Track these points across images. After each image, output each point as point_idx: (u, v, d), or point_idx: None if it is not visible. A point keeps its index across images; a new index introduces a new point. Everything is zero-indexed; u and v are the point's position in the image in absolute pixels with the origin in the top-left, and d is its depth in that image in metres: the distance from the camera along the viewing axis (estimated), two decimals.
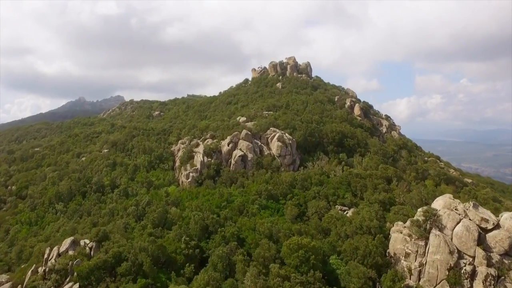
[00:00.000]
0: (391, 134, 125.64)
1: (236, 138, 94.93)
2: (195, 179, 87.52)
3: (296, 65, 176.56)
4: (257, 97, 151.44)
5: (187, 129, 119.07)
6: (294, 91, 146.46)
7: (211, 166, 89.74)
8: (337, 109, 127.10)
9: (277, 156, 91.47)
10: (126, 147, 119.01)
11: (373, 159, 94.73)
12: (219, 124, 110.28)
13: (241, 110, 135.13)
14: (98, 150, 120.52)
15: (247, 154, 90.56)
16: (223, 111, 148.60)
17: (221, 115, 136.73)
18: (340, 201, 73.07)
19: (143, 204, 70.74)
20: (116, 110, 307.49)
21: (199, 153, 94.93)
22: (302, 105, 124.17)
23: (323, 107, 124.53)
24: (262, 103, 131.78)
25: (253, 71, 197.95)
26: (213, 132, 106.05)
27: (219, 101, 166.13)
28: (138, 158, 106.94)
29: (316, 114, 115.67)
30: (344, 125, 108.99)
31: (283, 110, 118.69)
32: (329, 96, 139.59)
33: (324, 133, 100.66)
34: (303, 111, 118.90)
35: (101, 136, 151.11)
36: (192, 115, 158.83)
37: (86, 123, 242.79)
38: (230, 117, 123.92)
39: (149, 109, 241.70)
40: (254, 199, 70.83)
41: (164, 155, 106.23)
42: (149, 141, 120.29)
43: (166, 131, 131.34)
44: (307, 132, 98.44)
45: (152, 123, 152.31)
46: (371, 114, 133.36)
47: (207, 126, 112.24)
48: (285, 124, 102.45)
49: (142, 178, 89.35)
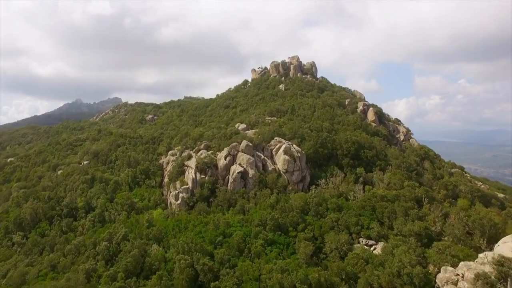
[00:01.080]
0: (410, 142, 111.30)
1: (235, 150, 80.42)
2: (185, 201, 72.92)
3: (300, 65, 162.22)
4: (258, 100, 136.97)
5: (178, 137, 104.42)
6: (299, 94, 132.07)
7: (204, 184, 75.16)
8: (348, 114, 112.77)
9: (283, 172, 76.98)
10: (109, 158, 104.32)
11: (396, 175, 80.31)
12: (215, 132, 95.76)
13: (240, 115, 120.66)
14: (78, 161, 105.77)
15: (247, 170, 76.02)
16: (220, 115, 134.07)
17: (218, 120, 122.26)
18: (365, 233, 58.51)
19: (118, 237, 56.06)
20: (110, 113, 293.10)
21: (190, 168, 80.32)
22: (309, 109, 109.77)
23: (333, 112, 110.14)
24: (263, 107, 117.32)
25: (253, 72, 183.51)
26: (208, 142, 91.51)
27: (216, 105, 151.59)
28: (121, 172, 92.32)
29: (326, 120, 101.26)
30: (359, 133, 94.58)
31: (288, 116, 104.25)
32: (338, 99, 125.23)
33: (337, 143, 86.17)
34: (311, 117, 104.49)
35: (85, 144, 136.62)
36: (186, 120, 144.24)
37: (75, 128, 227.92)
38: (228, 123, 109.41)
39: (142, 112, 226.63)
40: (258, 232, 56.28)
41: (151, 169, 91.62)
42: (135, 152, 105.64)
43: (155, 139, 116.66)
44: (318, 142, 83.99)
45: (141, 130, 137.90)
46: (385, 120, 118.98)
47: (201, 135, 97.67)
48: (291, 133, 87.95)
49: (123, 199, 74.64)
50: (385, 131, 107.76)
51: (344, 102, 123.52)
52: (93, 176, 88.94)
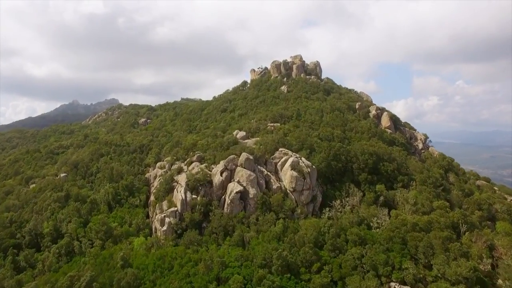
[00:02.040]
0: (429, 151, 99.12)
1: (233, 164, 68.01)
2: (172, 227, 60.46)
3: (303, 64, 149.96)
4: (258, 103, 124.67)
5: (169, 146, 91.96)
6: (303, 96, 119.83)
7: (196, 206, 62.68)
8: (360, 119, 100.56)
9: (290, 190, 64.62)
10: (89, 170, 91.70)
11: (423, 193, 68.22)
12: (210, 141, 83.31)
13: (239, 120, 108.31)
14: (55, 173, 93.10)
15: (247, 189, 63.61)
16: (217, 120, 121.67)
17: (214, 126, 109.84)
18: (397, 276, 46.22)
19: (81, 284, 43.53)
20: (103, 115, 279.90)
21: (180, 185, 67.84)
22: (316, 114, 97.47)
23: (344, 117, 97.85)
24: (265, 112, 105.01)
25: (252, 72, 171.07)
26: (201, 153, 79.10)
27: (212, 108, 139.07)
28: (101, 188, 79.80)
29: (337, 127, 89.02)
30: (375, 143, 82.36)
31: (293, 122, 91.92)
32: (347, 102, 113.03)
33: (352, 155, 73.89)
34: (320, 123, 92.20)
35: (67, 152, 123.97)
36: (179, 125, 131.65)
37: (64, 132, 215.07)
38: (225, 130, 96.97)
39: (135, 115, 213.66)
40: (262, 277, 43.94)
41: (136, 184, 79.08)
42: (120, 162, 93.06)
43: (144, 147, 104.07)
44: (330, 154, 71.63)
45: (130, 136, 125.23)
46: (401, 126, 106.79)
47: (194, 144, 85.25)
48: (298, 143, 75.66)
49: (98, 225, 62.00)
50: (403, 138, 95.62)
51: (354, 106, 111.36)
52: (67, 193, 76.33)
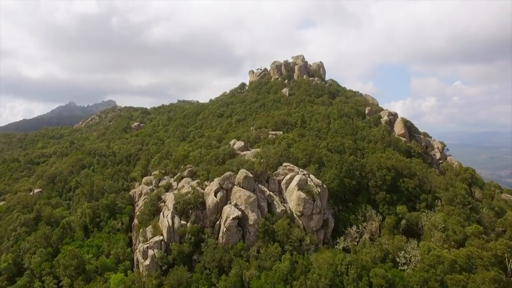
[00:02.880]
0: (448, 162, 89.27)
1: (229, 183, 57.80)
2: (156, 262, 50.21)
3: (305, 65, 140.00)
4: (258, 107, 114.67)
5: (158, 157, 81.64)
6: (307, 100, 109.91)
7: (186, 235, 52.48)
8: (371, 126, 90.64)
9: (297, 214, 54.51)
10: (68, 184, 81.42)
11: (452, 215, 58.29)
12: (203, 153, 73.10)
13: (237, 127, 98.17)
14: (29, 188, 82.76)
15: (246, 214, 53.47)
16: (213, 126, 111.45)
17: (209, 134, 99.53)
18: None
19: None
20: (96, 118, 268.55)
21: (167, 208, 57.61)
22: (323, 121, 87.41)
23: (353, 124, 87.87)
24: (265, 118, 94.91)
25: (250, 74, 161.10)
26: (193, 167, 68.96)
27: (208, 112, 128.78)
28: (78, 207, 69.51)
29: (346, 136, 79.02)
30: (392, 155, 72.40)
31: (298, 130, 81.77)
32: (356, 106, 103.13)
33: (367, 170, 63.86)
34: (327, 131, 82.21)
35: (49, 161, 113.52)
36: (172, 131, 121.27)
37: (53, 136, 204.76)
38: (221, 139, 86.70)
39: (128, 119, 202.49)
40: None
41: (118, 203, 68.80)
42: (102, 175, 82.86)
43: (131, 157, 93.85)
44: (342, 170, 61.56)
45: (117, 144, 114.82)
46: (416, 133, 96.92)
47: (185, 156, 75.04)
48: (305, 156, 65.56)
49: (67, 259, 51.66)
50: (419, 148, 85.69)
51: (362, 111, 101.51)
52: (38, 214, 66.01)
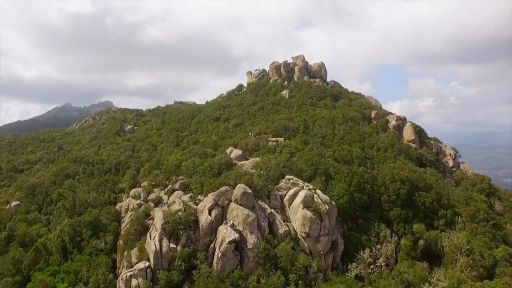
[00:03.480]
0: (462, 170, 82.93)
1: (225, 199, 51.11)
2: None
3: (306, 66, 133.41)
4: (256, 110, 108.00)
5: (148, 166, 74.82)
6: (308, 103, 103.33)
7: (175, 261, 45.70)
8: (378, 132, 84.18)
9: (302, 236, 47.90)
10: (49, 196, 74.40)
11: (476, 235, 51.91)
12: (197, 162, 66.36)
13: (234, 132, 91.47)
14: (6, 200, 75.65)
15: (245, 236, 46.80)
16: (209, 131, 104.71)
17: (204, 140, 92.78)
18: None
19: None
20: (90, 120, 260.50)
21: (155, 228, 50.81)
22: (327, 126, 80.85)
23: (360, 129, 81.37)
24: (265, 122, 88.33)
25: (248, 75, 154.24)
26: (186, 179, 62.22)
27: (203, 115, 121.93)
28: (59, 223, 62.58)
29: (354, 143, 72.50)
30: (404, 164, 65.93)
31: (300, 136, 75.14)
32: (361, 110, 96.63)
33: (379, 183, 57.32)
34: (332, 137, 75.66)
35: (34, 168, 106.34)
36: (166, 136, 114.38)
37: (44, 139, 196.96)
38: (217, 146, 79.89)
39: (122, 121, 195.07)
40: None
41: (103, 219, 61.86)
42: (88, 186, 75.90)
43: (120, 165, 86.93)
44: (352, 183, 54.98)
45: (106, 150, 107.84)
46: (426, 138, 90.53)
47: (178, 166, 68.27)
48: (310, 167, 58.90)
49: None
50: (431, 155, 79.27)
51: (368, 114, 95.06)
52: (10, 233, 59.00)
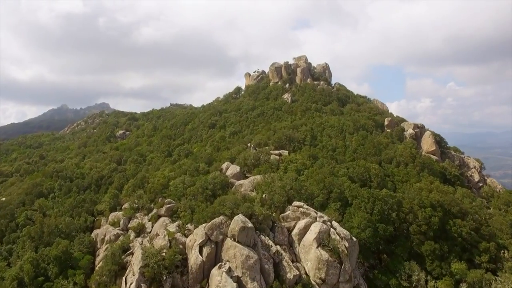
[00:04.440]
0: (489, 184, 73.28)
1: (219, 233, 41.06)
2: None
3: (309, 67, 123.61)
4: (256, 116, 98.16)
5: (132, 184, 64.70)
6: (313, 108, 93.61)
7: None
8: (394, 142, 74.43)
9: (317, 281, 37.94)
10: (15, 220, 64.02)
11: None
12: (187, 181, 56.23)
13: (231, 142, 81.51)
14: None
15: (245, 284, 36.79)
16: (203, 140, 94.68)
17: (197, 152, 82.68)
18: None
19: None
20: (82, 124, 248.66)
21: (132, 271, 40.71)
22: (337, 137, 70.98)
23: (374, 139, 71.57)
24: (266, 131, 78.44)
25: (246, 77, 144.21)
26: (173, 202, 52.17)
27: (198, 122, 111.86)
28: (19, 257, 52.32)
29: (369, 156, 62.67)
30: (431, 183, 56.14)
31: (307, 149, 65.09)
32: (372, 116, 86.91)
33: (406, 210, 47.42)
34: (344, 150, 65.77)
35: (7, 183, 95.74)
36: (156, 144, 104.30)
37: (31, 145, 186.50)
38: (211, 160, 69.71)
39: (114, 126, 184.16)
40: None
41: (75, 252, 51.61)
42: (62, 207, 65.72)
43: (103, 180, 76.71)
44: (374, 211, 45.07)
45: (89, 161, 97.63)
46: (446, 148, 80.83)
47: (165, 185, 58.16)
48: (322, 190, 48.88)
49: None
50: (455, 169, 69.51)
51: (380, 121, 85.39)
52: None
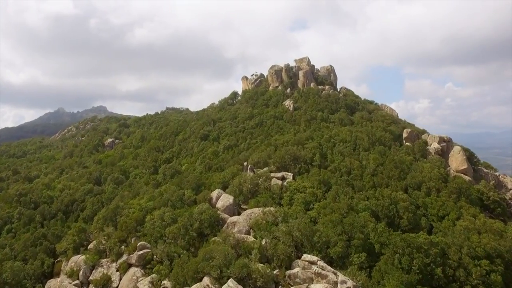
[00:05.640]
0: None
1: None
2: None
3: (312, 70, 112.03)
4: (254, 126, 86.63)
5: (101, 217, 52.82)
6: (319, 117, 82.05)
7: None
8: (417, 158, 62.76)
9: None
10: None
11: None
12: (168, 218, 44.32)
13: (225, 160, 69.60)
14: None
15: None
16: (194, 154, 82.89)
17: (186, 168, 70.90)
18: None
19: None
20: (73, 130, 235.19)
21: None
22: (351, 154, 59.26)
23: (393, 156, 59.84)
24: (265, 147, 66.63)
25: (243, 81, 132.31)
26: (148, 246, 40.44)
27: (189, 132, 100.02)
28: None
29: (392, 181, 51.01)
30: (474, 215, 44.48)
31: (317, 172, 53.20)
32: (386, 127, 75.34)
33: (454, 264, 35.66)
34: (361, 172, 54.00)
35: None
36: (142, 159, 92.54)
37: (14, 154, 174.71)
38: (199, 185, 57.60)
39: (103, 133, 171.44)
40: None
41: None
42: (17, 245, 53.88)
43: (74, 206, 64.77)
44: (412, 267, 33.28)
45: (64, 180, 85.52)
46: (475, 165, 69.09)
47: (139, 221, 46.32)
48: (340, 236, 37.04)
49: None
50: (494, 193, 57.65)
51: (396, 132, 73.82)
52: None
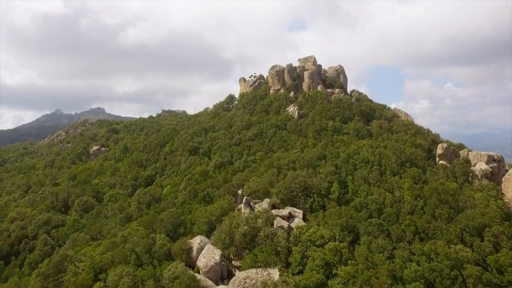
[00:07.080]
0: None
1: None
2: None
3: (319, 71, 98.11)
4: (251, 138, 72.92)
5: (41, 274, 38.89)
6: (330, 127, 68.35)
7: None
8: (459, 183, 49.01)
9: None
10: None
11: None
12: (126, 282, 30.48)
13: (214, 183, 55.69)
14: None
15: None
16: (179, 172, 69.14)
17: (166, 195, 57.14)
18: None
19: None
20: (62, 134, 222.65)
21: None
22: (378, 181, 45.44)
23: (434, 183, 46.02)
24: (265, 168, 52.76)
25: (241, 83, 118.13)
26: None
27: (178, 143, 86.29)
28: None
29: (441, 219, 37.23)
30: None
31: (336, 211, 39.25)
32: (414, 140, 61.51)
33: None
34: (397, 210, 40.09)
35: None
36: (122, 174, 78.92)
37: None
38: (178, 223, 43.65)
39: (91, 140, 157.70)
40: None
41: None
42: None
43: (21, 246, 51.02)
44: None
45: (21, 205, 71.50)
46: None
47: (99, 270, 32.63)
48: None
49: None
50: None
51: (425, 146, 60.07)
52: None
